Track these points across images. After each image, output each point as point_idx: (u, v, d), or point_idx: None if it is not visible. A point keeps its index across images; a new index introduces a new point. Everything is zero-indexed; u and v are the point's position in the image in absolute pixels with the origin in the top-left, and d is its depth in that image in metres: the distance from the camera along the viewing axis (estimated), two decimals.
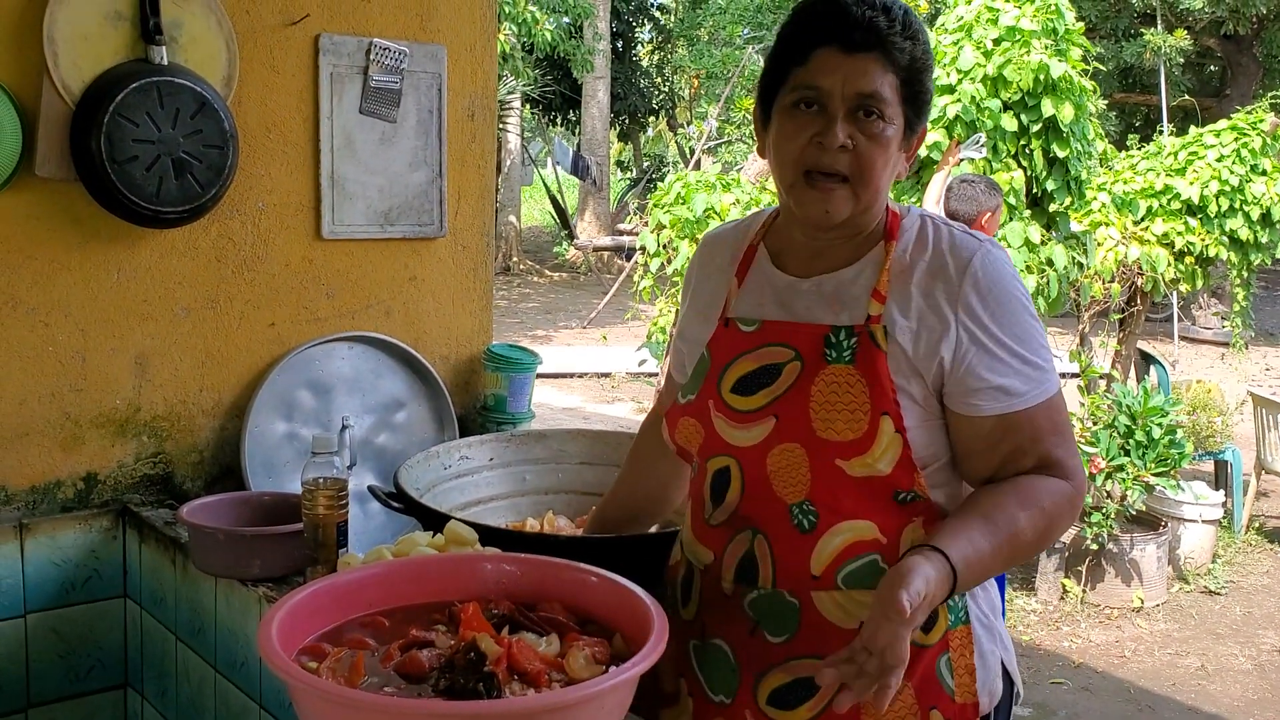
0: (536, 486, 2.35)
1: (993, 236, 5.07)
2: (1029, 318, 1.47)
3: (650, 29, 24.17)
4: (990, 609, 1.56)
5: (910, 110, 1.45)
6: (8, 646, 2.17)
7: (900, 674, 1.27)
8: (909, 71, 1.43)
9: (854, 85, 1.40)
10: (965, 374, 1.44)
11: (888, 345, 1.44)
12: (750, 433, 1.50)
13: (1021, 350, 1.44)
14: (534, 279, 17.91)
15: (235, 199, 2.35)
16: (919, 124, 1.48)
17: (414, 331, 2.64)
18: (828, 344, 1.47)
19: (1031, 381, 1.44)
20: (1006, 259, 1.49)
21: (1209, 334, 13.28)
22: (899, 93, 1.43)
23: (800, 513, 1.48)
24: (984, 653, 1.51)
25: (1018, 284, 1.48)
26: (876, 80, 1.41)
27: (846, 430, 1.43)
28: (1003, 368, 1.43)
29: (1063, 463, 1.46)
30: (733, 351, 1.55)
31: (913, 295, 1.45)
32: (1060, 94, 5.26)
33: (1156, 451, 5.14)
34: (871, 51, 1.40)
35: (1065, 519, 1.47)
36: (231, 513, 2.04)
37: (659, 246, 6.12)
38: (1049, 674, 4.55)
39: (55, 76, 2.11)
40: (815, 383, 1.45)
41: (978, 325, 1.43)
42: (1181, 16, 13.93)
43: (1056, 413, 1.47)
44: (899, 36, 1.41)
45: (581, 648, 1.31)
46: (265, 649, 1.22)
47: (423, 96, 2.57)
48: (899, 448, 1.43)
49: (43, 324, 2.20)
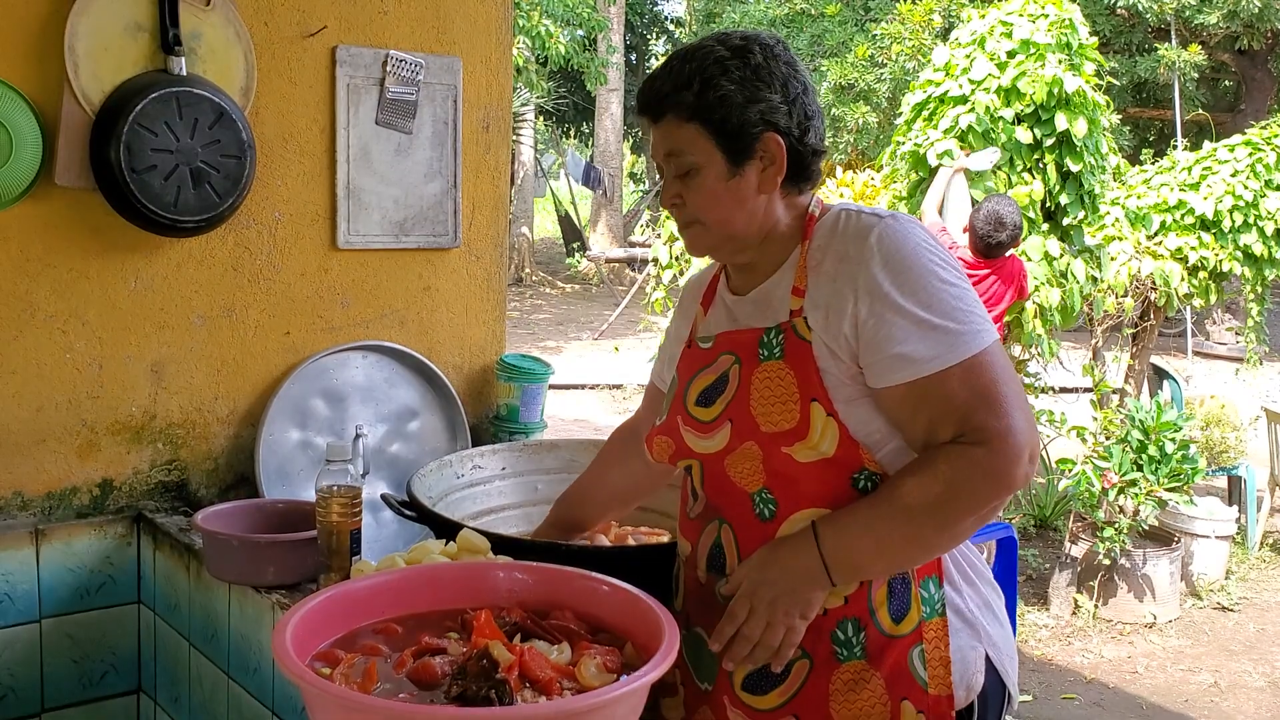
0: (548, 496, 2.35)
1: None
2: (938, 282, 1.45)
3: (664, 41, 24.24)
4: (978, 605, 1.55)
5: (724, 143, 1.52)
6: (23, 651, 2.19)
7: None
8: (700, 112, 1.52)
9: (662, 150, 1.57)
10: (869, 346, 1.45)
11: (810, 335, 1.50)
12: (713, 440, 1.57)
13: (926, 315, 1.43)
14: (546, 290, 17.94)
15: (252, 208, 2.37)
16: (743, 148, 1.53)
17: (427, 341, 2.65)
18: (761, 344, 1.54)
19: (940, 345, 1.42)
20: (913, 229, 1.49)
21: (1223, 349, 13.21)
22: (705, 136, 1.52)
23: (760, 501, 1.53)
24: (961, 646, 1.51)
25: (925, 250, 1.47)
26: (673, 140, 1.54)
27: (782, 420, 1.48)
28: (903, 335, 1.43)
29: (982, 426, 1.40)
30: (694, 368, 1.65)
31: (822, 282, 1.51)
32: (1074, 108, 5.26)
33: (1169, 467, 5.12)
34: (663, 117, 1.55)
35: (976, 484, 1.40)
36: (245, 520, 2.05)
37: (671, 258, 6.13)
38: (1061, 689, 4.53)
39: (75, 87, 2.13)
40: (753, 381, 1.53)
41: (876, 296, 1.45)
42: (1195, 31, 13.90)
43: (977, 374, 1.42)
44: (676, 92, 1.53)
45: (593, 656, 1.32)
46: (280, 654, 1.23)
47: (438, 108, 2.59)
48: (835, 429, 1.47)
49: (60, 331, 2.22)
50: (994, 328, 1.48)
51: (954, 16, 10.95)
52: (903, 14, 11.93)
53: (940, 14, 11.77)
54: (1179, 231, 6.56)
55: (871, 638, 1.49)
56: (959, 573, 1.55)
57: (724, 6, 19.51)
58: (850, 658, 1.49)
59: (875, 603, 1.49)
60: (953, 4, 11.67)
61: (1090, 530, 5.31)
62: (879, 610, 1.49)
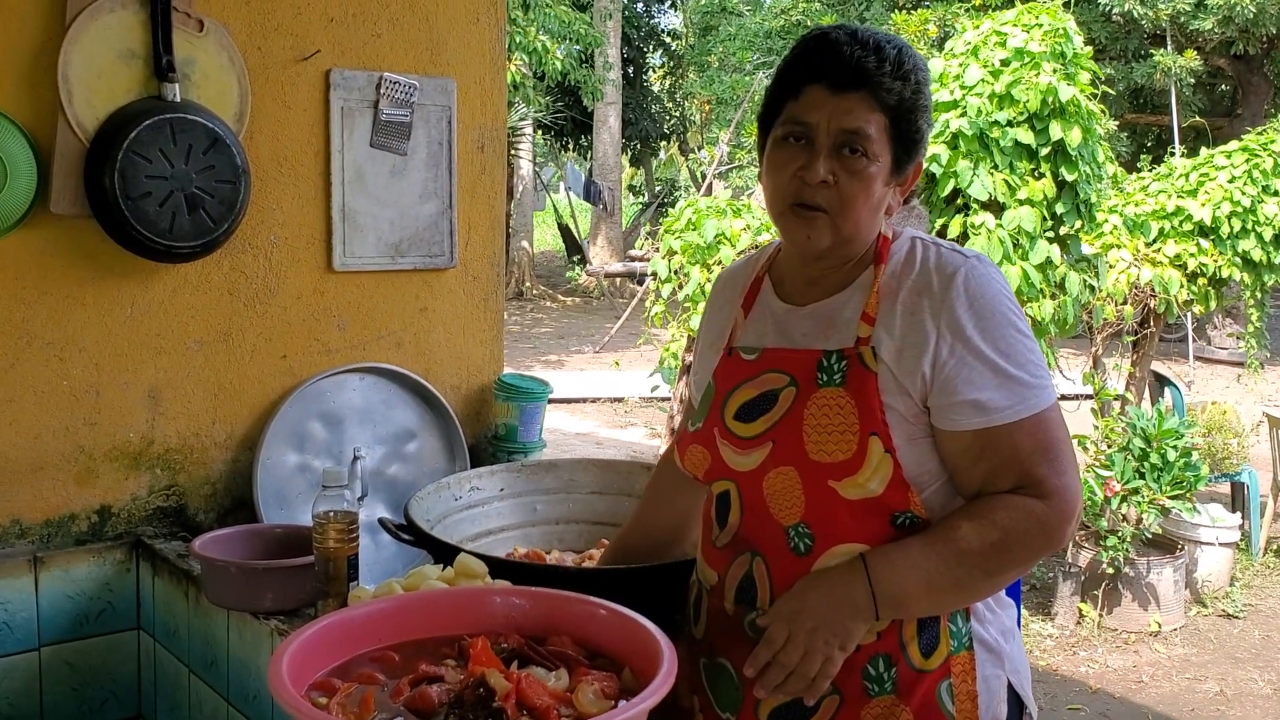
0: (547, 517, 2.36)
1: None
2: (1015, 332, 1.45)
3: (661, 55, 24.30)
4: (1001, 632, 1.55)
5: (899, 148, 1.48)
6: (22, 680, 2.18)
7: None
8: (897, 111, 1.46)
9: (838, 122, 1.45)
10: (944, 387, 1.43)
11: (877, 366, 1.46)
12: (750, 458, 1.53)
13: (1004, 365, 1.43)
14: (547, 304, 17.95)
15: (247, 233, 2.37)
16: (909, 161, 1.51)
17: (425, 362, 2.65)
18: (820, 368, 1.49)
19: (1014, 397, 1.42)
20: (995, 274, 1.48)
21: (1224, 354, 13.20)
22: (887, 131, 1.46)
23: (796, 535, 1.50)
24: (987, 677, 1.51)
25: (1005, 299, 1.47)
26: (861, 118, 1.45)
27: (837, 451, 1.45)
28: (982, 381, 1.42)
29: (1042, 481, 1.42)
30: (735, 379, 1.59)
31: (898, 313, 1.48)
32: (1069, 117, 5.26)
33: (1172, 474, 5.11)
34: (859, 91, 1.45)
35: (1031, 537, 1.41)
36: (244, 545, 2.05)
37: (670, 272, 6.13)
38: (1066, 700, 4.51)
39: (70, 114, 2.14)
40: (808, 406, 1.48)
41: (958, 338, 1.43)
42: (1191, 37, 13.92)
43: (1043, 430, 1.43)
44: (888, 77, 1.45)
45: (590, 682, 1.31)
46: (276, 686, 1.22)
47: (433, 129, 2.60)
48: (889, 467, 1.44)
49: (57, 358, 2.22)
50: (1054, 386, 1.48)
51: (949, 26, 10.98)
52: (898, 24, 11.96)
53: (936, 23, 11.80)
54: (1177, 238, 6.56)
55: (902, 673, 1.48)
56: (985, 605, 1.54)
57: (720, 19, 19.58)
58: (881, 693, 1.48)
59: (906, 638, 1.48)
60: (948, 14, 11.71)
61: (1094, 539, 5.30)
62: (909, 645, 1.48)
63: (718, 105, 19.41)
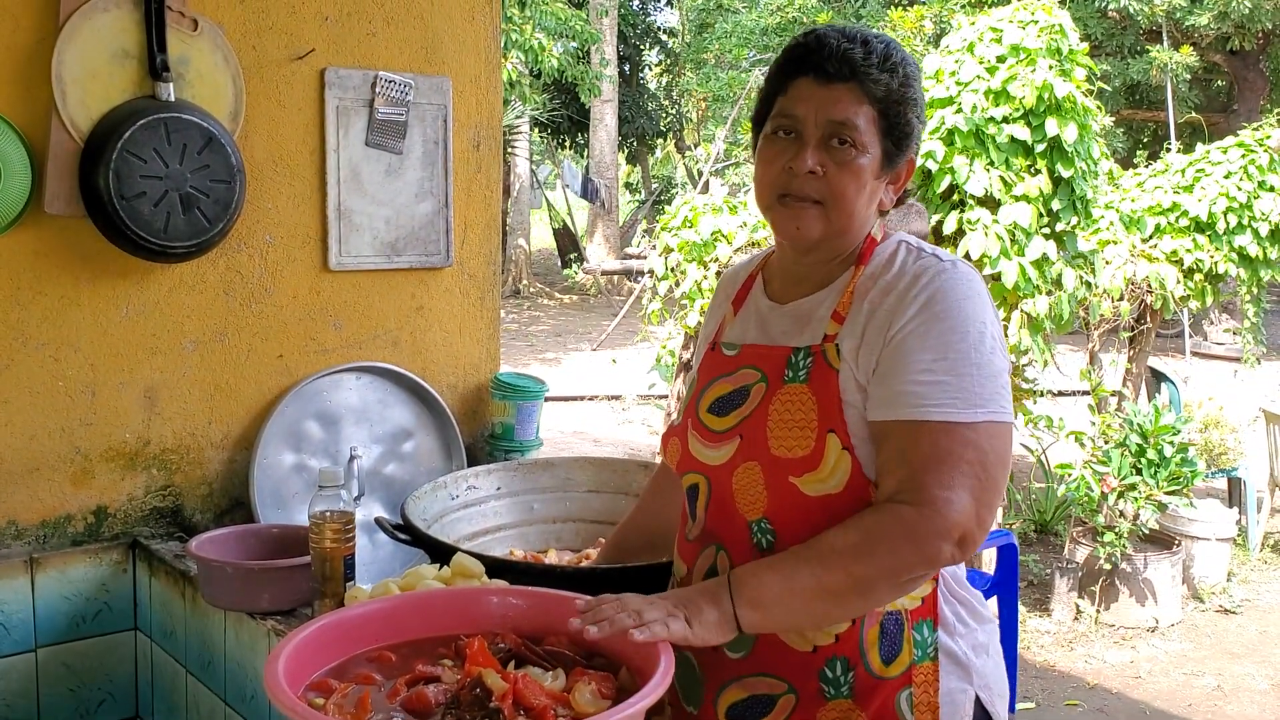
0: (544, 515, 2.36)
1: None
2: (963, 342, 1.39)
3: (657, 53, 24.28)
4: (972, 647, 1.52)
5: (889, 142, 1.48)
6: (18, 681, 2.18)
7: (619, 620, 1.36)
8: (885, 103, 1.46)
9: (826, 113, 1.45)
10: (877, 379, 1.42)
11: (839, 364, 1.46)
12: (720, 451, 1.54)
13: (932, 366, 1.38)
14: (544, 301, 17.94)
15: (243, 232, 2.37)
16: (900, 155, 1.51)
17: (421, 361, 2.65)
18: (788, 365, 1.50)
19: (929, 398, 1.37)
20: (969, 284, 1.44)
21: (1221, 349, 13.22)
22: (875, 124, 1.46)
23: (759, 531, 1.50)
24: (951, 690, 1.48)
25: (970, 308, 1.41)
26: (849, 109, 1.45)
27: (797, 447, 1.44)
28: (904, 375, 1.39)
29: (922, 488, 1.35)
30: (713, 374, 1.61)
31: (864, 311, 1.47)
32: (1064, 114, 5.26)
33: (1169, 470, 5.12)
34: (846, 82, 1.45)
35: (896, 542, 1.35)
36: (240, 546, 2.05)
37: (667, 270, 6.13)
38: (1063, 696, 4.51)
39: (64, 114, 2.13)
40: (773, 402, 1.49)
41: (902, 331, 1.41)
42: (1187, 33, 13.94)
43: (952, 443, 1.36)
44: (875, 69, 1.45)
45: (587, 682, 1.31)
46: (272, 687, 1.22)
47: (428, 128, 2.59)
48: (848, 464, 1.43)
49: (52, 359, 2.21)
50: (1007, 413, 1.40)
51: (945, 23, 10.98)
52: (894, 21, 11.96)
53: (932, 20, 11.80)
54: (1173, 234, 6.56)
55: (860, 678, 1.46)
56: (955, 617, 1.51)
57: (716, 16, 19.56)
58: (837, 696, 1.47)
59: (866, 643, 1.46)
60: (944, 10, 11.71)
61: (1091, 535, 5.30)
62: (870, 650, 1.46)
63: (714, 102, 19.40)
